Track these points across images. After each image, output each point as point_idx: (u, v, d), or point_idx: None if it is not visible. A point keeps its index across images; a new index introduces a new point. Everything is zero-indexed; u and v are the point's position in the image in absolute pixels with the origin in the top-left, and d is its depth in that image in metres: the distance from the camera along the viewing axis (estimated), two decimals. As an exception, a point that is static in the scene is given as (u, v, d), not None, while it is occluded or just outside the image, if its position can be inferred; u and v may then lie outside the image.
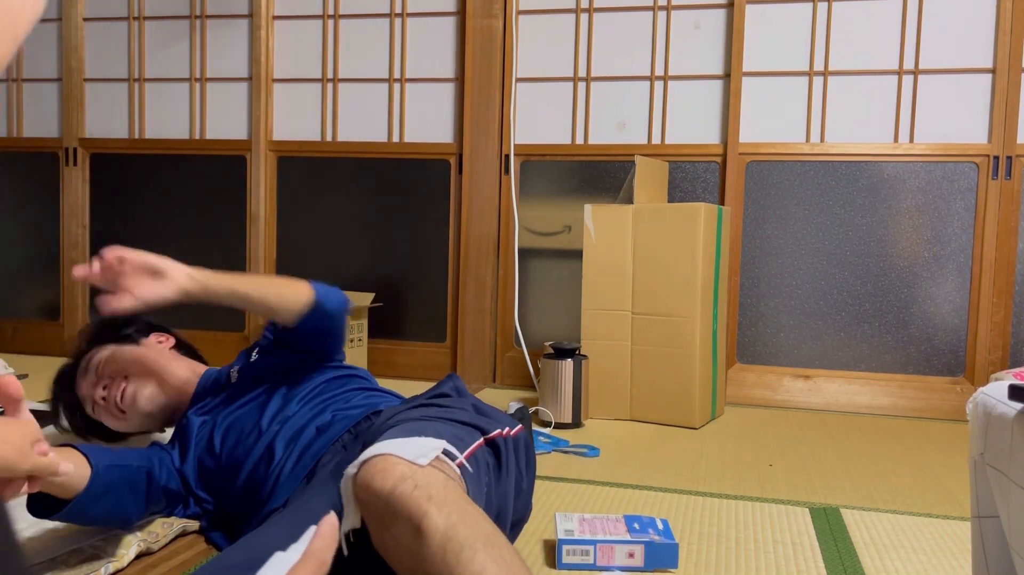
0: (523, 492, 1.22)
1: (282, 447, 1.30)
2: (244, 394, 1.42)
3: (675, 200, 2.74)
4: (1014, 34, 2.49)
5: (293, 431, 1.32)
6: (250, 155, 3.09)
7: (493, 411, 1.26)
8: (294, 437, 1.31)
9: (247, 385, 1.44)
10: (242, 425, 1.37)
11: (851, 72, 2.63)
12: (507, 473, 1.15)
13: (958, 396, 2.55)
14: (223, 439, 1.37)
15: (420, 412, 1.15)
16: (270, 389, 1.41)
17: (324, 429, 1.31)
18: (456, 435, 1.07)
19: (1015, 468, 0.79)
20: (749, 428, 2.34)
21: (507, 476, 1.15)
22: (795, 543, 1.43)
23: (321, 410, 1.35)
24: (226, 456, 1.35)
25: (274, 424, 1.34)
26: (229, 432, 1.38)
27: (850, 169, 2.63)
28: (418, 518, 0.84)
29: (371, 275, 3.02)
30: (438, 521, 0.84)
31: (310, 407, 1.36)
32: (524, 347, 2.82)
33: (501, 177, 2.87)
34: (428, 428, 1.05)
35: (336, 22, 3.02)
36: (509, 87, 2.85)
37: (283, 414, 1.35)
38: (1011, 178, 2.52)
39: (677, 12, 2.75)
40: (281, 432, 1.32)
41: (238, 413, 1.40)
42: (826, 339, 2.67)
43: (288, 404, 1.37)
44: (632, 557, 1.27)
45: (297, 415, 1.34)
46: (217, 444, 1.37)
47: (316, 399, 1.38)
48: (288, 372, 1.44)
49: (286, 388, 1.40)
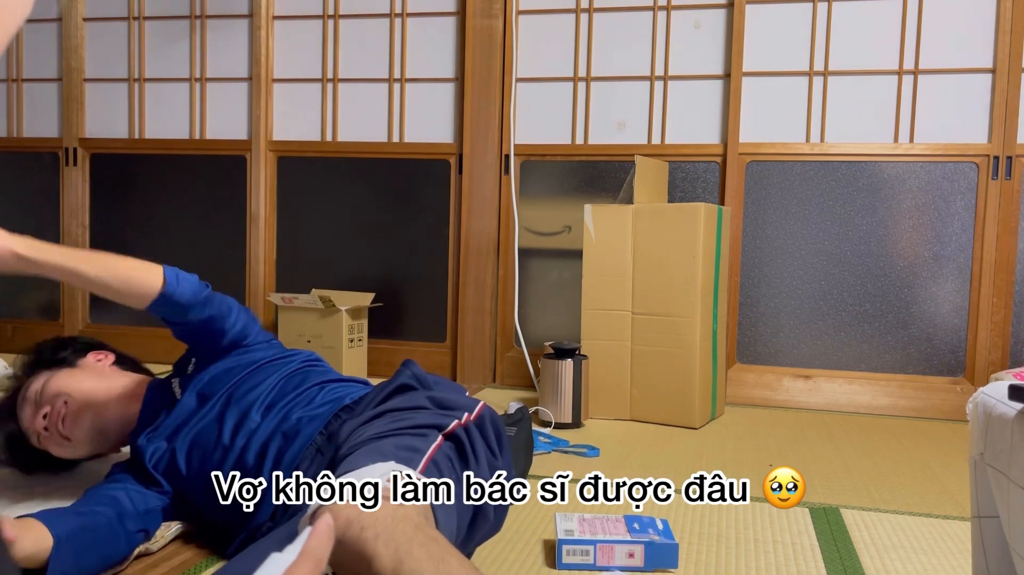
0: (501, 468, 1.21)
1: (253, 461, 1.27)
2: (196, 410, 1.37)
3: (675, 200, 2.74)
4: (1014, 34, 2.49)
5: (261, 443, 1.28)
6: (250, 155, 3.09)
7: (452, 397, 1.24)
8: (262, 450, 1.27)
9: (195, 400, 1.38)
10: (204, 443, 1.32)
11: (851, 72, 2.63)
12: (475, 459, 1.14)
13: (958, 396, 2.55)
14: (187, 460, 1.33)
15: (375, 428, 1.11)
16: (222, 400, 1.36)
17: (293, 435, 1.27)
18: (410, 446, 1.04)
19: (1015, 468, 0.79)
20: (749, 428, 2.33)
21: (477, 462, 1.13)
22: (795, 543, 1.43)
23: (284, 416, 1.31)
24: (194, 477, 1.31)
25: (239, 439, 1.29)
26: (192, 452, 1.33)
27: (850, 169, 2.63)
28: (368, 560, 0.85)
29: (371, 275, 3.02)
30: (386, 561, 0.84)
31: (273, 415, 1.31)
32: (524, 347, 2.82)
33: (501, 177, 2.87)
34: (378, 451, 1.01)
35: (336, 22, 3.02)
36: (509, 87, 2.85)
37: (246, 427, 1.31)
38: (1011, 178, 2.52)
39: (677, 12, 2.75)
40: (249, 446, 1.28)
41: (196, 430, 1.35)
42: (826, 339, 2.67)
43: (248, 414, 1.32)
44: (632, 557, 1.27)
45: (261, 426, 1.30)
46: (182, 466, 1.32)
47: (277, 405, 1.33)
48: (233, 378, 1.38)
49: (239, 396, 1.35)
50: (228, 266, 3.13)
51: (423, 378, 1.31)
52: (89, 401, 1.42)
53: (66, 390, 1.42)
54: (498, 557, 1.32)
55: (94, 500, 1.27)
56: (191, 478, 1.32)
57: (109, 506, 1.25)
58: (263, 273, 3.10)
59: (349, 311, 2.77)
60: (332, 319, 2.76)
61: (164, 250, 3.18)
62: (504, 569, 1.28)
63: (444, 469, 1.06)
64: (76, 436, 1.41)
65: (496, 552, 1.34)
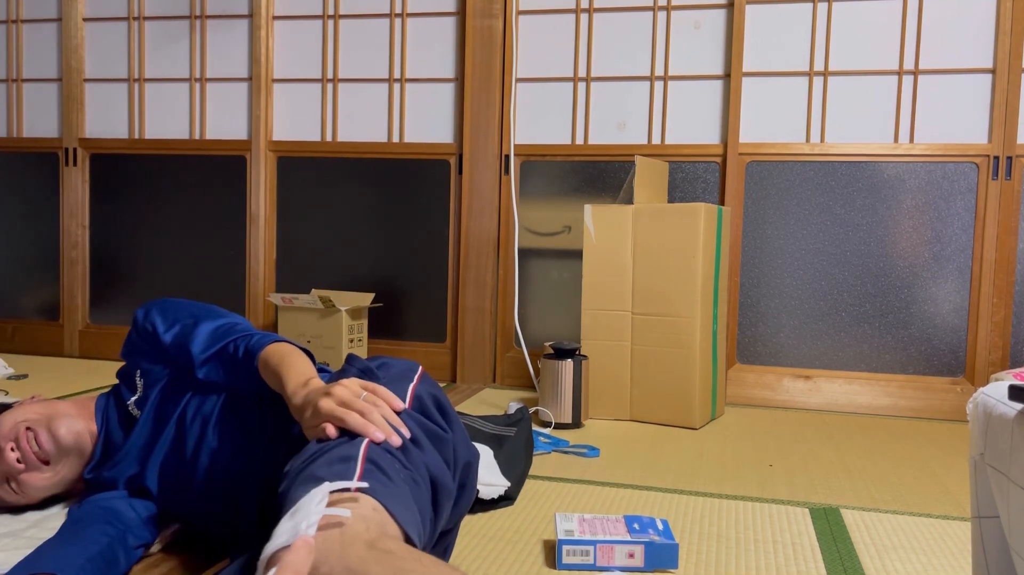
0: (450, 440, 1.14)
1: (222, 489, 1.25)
2: (157, 430, 1.33)
3: (675, 200, 2.74)
4: (1014, 34, 2.49)
5: (223, 470, 1.26)
6: (250, 155, 3.09)
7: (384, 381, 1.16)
8: (228, 478, 1.26)
9: (154, 418, 1.34)
10: (173, 468, 1.30)
11: (851, 72, 2.63)
12: (420, 443, 1.07)
13: (958, 396, 2.55)
14: (160, 487, 1.30)
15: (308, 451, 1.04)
16: (182, 418, 1.32)
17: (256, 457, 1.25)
18: (341, 457, 0.98)
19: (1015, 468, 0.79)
20: (749, 428, 2.33)
21: (419, 446, 1.07)
22: (795, 543, 1.43)
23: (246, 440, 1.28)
24: (172, 501, 1.30)
25: (202, 458, 1.27)
26: (163, 478, 1.30)
27: (850, 169, 2.63)
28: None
29: (371, 275, 3.02)
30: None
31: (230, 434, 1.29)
32: (524, 347, 2.82)
33: (501, 177, 2.87)
34: (311, 478, 0.95)
35: (336, 22, 3.02)
36: (509, 87, 2.85)
37: (207, 446, 1.28)
38: (1011, 178, 2.52)
39: (677, 12, 2.75)
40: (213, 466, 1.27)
41: (162, 454, 1.31)
42: (826, 339, 2.67)
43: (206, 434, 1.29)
44: (632, 557, 1.27)
45: (220, 449, 1.28)
46: (154, 490, 1.30)
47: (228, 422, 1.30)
48: (191, 392, 1.34)
49: (191, 414, 1.32)
50: (228, 266, 3.13)
51: (367, 370, 1.21)
52: (49, 415, 1.34)
53: (20, 418, 1.33)
54: (498, 557, 1.32)
55: (93, 516, 1.24)
56: (166, 501, 1.30)
57: (110, 522, 1.22)
58: (263, 273, 3.10)
59: (349, 311, 2.77)
60: (332, 319, 2.76)
61: (164, 250, 3.18)
62: (504, 569, 1.28)
63: (385, 463, 0.99)
64: (56, 450, 1.33)
65: (496, 552, 1.34)
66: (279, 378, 1.15)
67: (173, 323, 1.36)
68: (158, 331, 1.36)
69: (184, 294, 3.11)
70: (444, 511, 1.10)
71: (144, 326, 1.38)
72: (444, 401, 1.18)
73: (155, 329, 1.36)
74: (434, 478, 1.05)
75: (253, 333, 1.30)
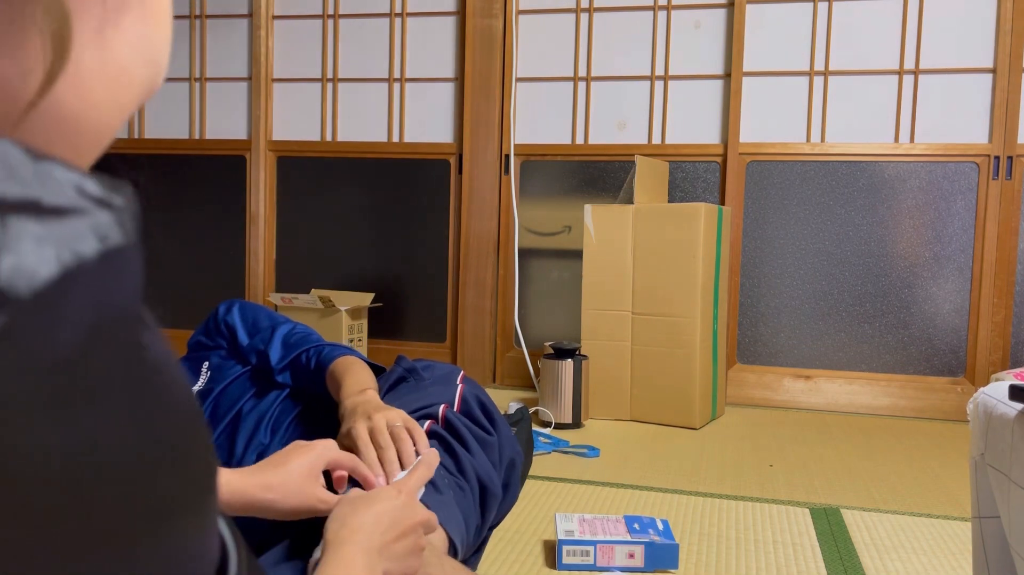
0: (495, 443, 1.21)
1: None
2: (212, 424, 1.37)
3: (675, 200, 2.74)
4: (1014, 34, 2.49)
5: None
6: (250, 155, 3.09)
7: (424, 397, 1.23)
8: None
9: (211, 412, 1.39)
10: (222, 461, 1.32)
11: (851, 72, 2.63)
12: (464, 447, 1.14)
13: (958, 396, 2.55)
14: None
15: None
16: (238, 414, 1.36)
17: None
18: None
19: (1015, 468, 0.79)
20: (749, 428, 2.33)
21: (467, 448, 1.14)
22: (795, 543, 1.43)
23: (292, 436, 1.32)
24: None
25: (248, 455, 1.30)
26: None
27: (850, 169, 2.63)
28: None
29: (371, 275, 3.02)
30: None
31: (280, 435, 1.33)
32: (524, 347, 2.82)
33: (501, 177, 2.87)
34: None
35: (336, 22, 3.02)
36: (509, 87, 2.85)
37: (255, 443, 1.31)
38: (1011, 178, 2.52)
39: (677, 12, 2.75)
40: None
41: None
42: (826, 339, 2.67)
43: (256, 433, 1.32)
44: (632, 558, 1.27)
45: (270, 447, 1.31)
46: None
47: (283, 423, 1.34)
48: (252, 390, 1.39)
49: (246, 412, 1.36)
50: (228, 266, 3.13)
51: (413, 370, 1.32)
52: None
53: None
54: (498, 557, 1.32)
55: None
56: None
57: None
58: (263, 273, 3.10)
59: (349, 311, 2.77)
60: (332, 319, 2.76)
61: (164, 250, 3.18)
62: (504, 569, 1.27)
63: (435, 476, 1.06)
64: None
65: (496, 552, 1.34)
66: (339, 385, 1.22)
67: (253, 328, 1.43)
68: (237, 333, 1.43)
69: (184, 294, 3.11)
70: (491, 512, 1.18)
71: (223, 324, 1.45)
72: (488, 403, 1.25)
73: (234, 330, 1.43)
74: (482, 483, 1.12)
75: (324, 345, 1.36)
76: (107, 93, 0.30)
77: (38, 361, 0.21)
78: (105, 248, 0.23)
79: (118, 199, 0.25)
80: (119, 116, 0.31)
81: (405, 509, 0.85)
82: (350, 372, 1.24)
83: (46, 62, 0.26)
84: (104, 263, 0.23)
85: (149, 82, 0.32)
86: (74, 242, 0.22)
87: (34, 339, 0.21)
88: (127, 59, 0.30)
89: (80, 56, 0.28)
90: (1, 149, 0.22)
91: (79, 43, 0.28)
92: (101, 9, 0.29)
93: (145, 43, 0.31)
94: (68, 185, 0.23)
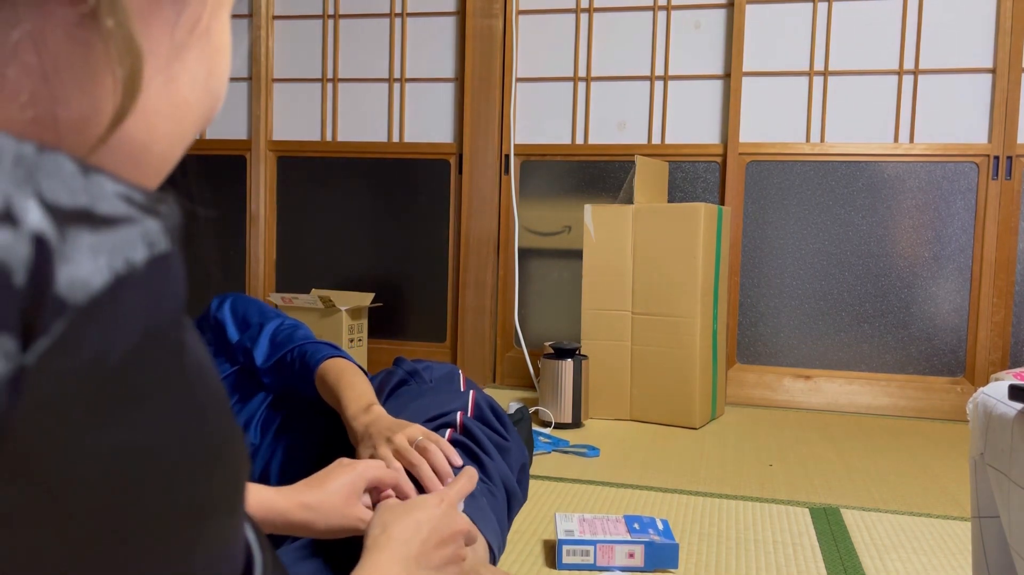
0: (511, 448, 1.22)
1: (258, 479, 1.27)
2: None
3: (675, 200, 2.74)
4: (1014, 34, 2.49)
5: (264, 462, 1.28)
6: (250, 155, 3.09)
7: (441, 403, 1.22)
8: (265, 469, 1.28)
9: None
10: None
11: (851, 72, 2.63)
12: (485, 453, 1.15)
13: (958, 396, 2.55)
14: None
15: None
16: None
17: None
18: None
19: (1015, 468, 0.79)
20: (749, 428, 2.33)
21: (488, 454, 1.15)
22: (795, 543, 1.43)
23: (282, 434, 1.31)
24: None
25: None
26: None
27: (850, 169, 2.63)
28: None
29: (371, 275, 3.02)
30: None
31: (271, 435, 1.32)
32: (524, 347, 2.82)
33: (501, 177, 2.87)
34: None
35: (336, 22, 3.02)
36: (509, 87, 2.85)
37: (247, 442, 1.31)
38: (1011, 178, 2.52)
39: (677, 12, 2.75)
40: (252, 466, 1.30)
41: None
42: (826, 339, 2.67)
43: (246, 434, 1.32)
44: (632, 557, 1.27)
45: (261, 448, 1.30)
46: None
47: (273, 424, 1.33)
48: (241, 390, 1.38)
49: (244, 409, 1.35)
50: (228, 266, 3.13)
51: (415, 372, 1.31)
52: None
53: None
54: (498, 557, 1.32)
55: None
56: None
57: None
58: (263, 273, 3.10)
59: (349, 311, 2.77)
60: (332, 319, 2.76)
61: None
62: (504, 569, 1.27)
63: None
64: None
65: (496, 552, 1.34)
66: (337, 398, 1.18)
67: (243, 324, 1.39)
68: (226, 330, 1.39)
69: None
70: (514, 515, 1.19)
71: (215, 320, 1.42)
72: (498, 407, 1.26)
73: (224, 326, 1.40)
74: (507, 487, 1.12)
75: (307, 344, 1.33)
76: (171, 125, 0.30)
77: (95, 366, 0.22)
78: (153, 255, 0.24)
79: (163, 207, 0.26)
80: (180, 146, 0.32)
81: (445, 518, 0.85)
82: (344, 381, 1.20)
83: (116, 99, 0.27)
84: (153, 269, 0.24)
85: (209, 111, 0.33)
86: (125, 250, 0.23)
87: (91, 345, 0.22)
88: (190, 92, 0.31)
89: (147, 91, 0.29)
90: (55, 161, 0.23)
91: (147, 79, 0.29)
92: (169, 46, 0.29)
93: (207, 76, 0.32)
94: (117, 195, 0.24)
